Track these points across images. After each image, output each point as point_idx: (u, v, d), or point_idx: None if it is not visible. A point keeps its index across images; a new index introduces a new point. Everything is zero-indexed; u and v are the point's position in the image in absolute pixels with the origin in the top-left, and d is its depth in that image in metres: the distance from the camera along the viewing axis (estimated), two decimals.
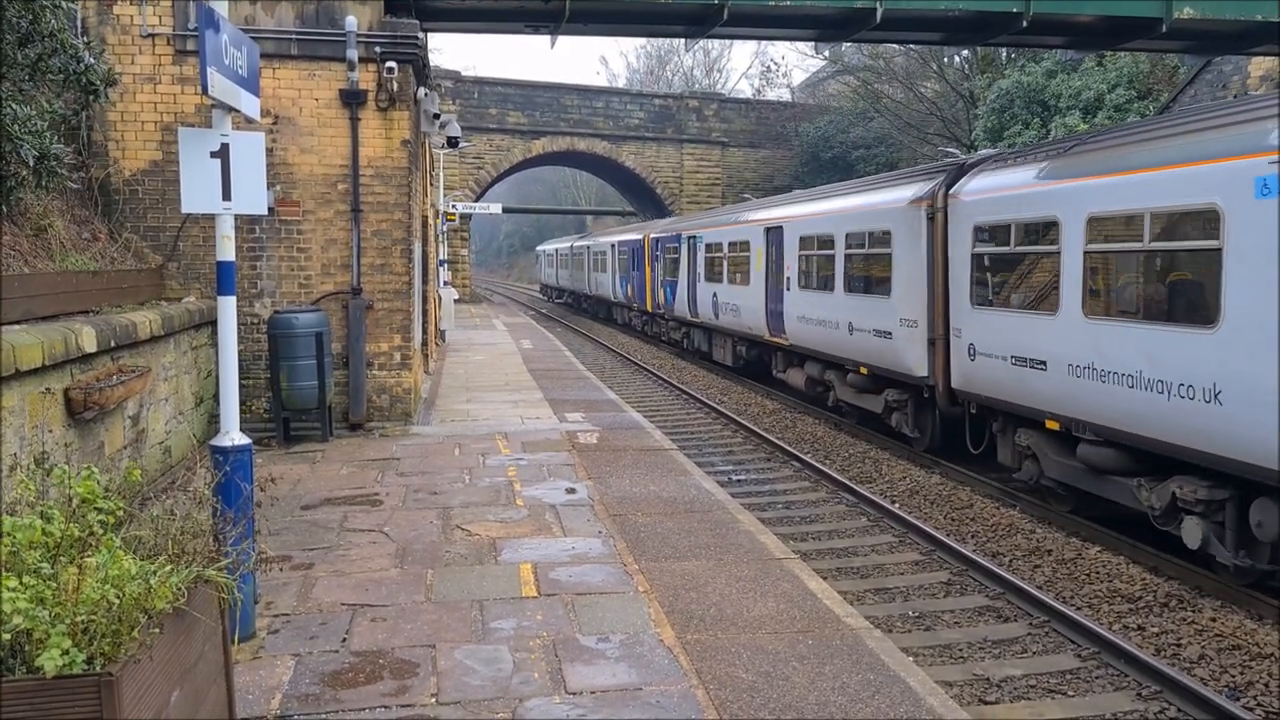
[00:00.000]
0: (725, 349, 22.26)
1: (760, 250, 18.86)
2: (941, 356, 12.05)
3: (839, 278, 14.86)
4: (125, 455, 8.57)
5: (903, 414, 13.42)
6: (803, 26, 14.88)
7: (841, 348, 14.75)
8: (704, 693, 5.07)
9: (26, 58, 7.55)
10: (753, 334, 19.49)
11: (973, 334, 11.20)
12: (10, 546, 3.29)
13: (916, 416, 13.22)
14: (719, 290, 21.76)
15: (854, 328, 14.20)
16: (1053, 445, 10.03)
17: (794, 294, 16.86)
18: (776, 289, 17.87)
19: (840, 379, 15.23)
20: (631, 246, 32.26)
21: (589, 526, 8.10)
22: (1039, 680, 6.65)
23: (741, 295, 20.04)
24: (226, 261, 5.78)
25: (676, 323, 27.05)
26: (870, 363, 13.86)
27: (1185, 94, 22.69)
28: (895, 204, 13.21)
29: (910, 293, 12.62)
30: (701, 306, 23.40)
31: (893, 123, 36.06)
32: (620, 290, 34.86)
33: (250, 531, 5.28)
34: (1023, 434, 10.58)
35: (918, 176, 13.51)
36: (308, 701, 4.95)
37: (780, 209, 18.68)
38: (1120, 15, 13.63)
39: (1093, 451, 9.26)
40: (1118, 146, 9.29)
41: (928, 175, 13.15)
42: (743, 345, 20.90)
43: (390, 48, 11.72)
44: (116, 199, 11.33)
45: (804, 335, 16.40)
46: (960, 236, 11.53)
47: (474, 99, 40.65)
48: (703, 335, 24.30)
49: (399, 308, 12.20)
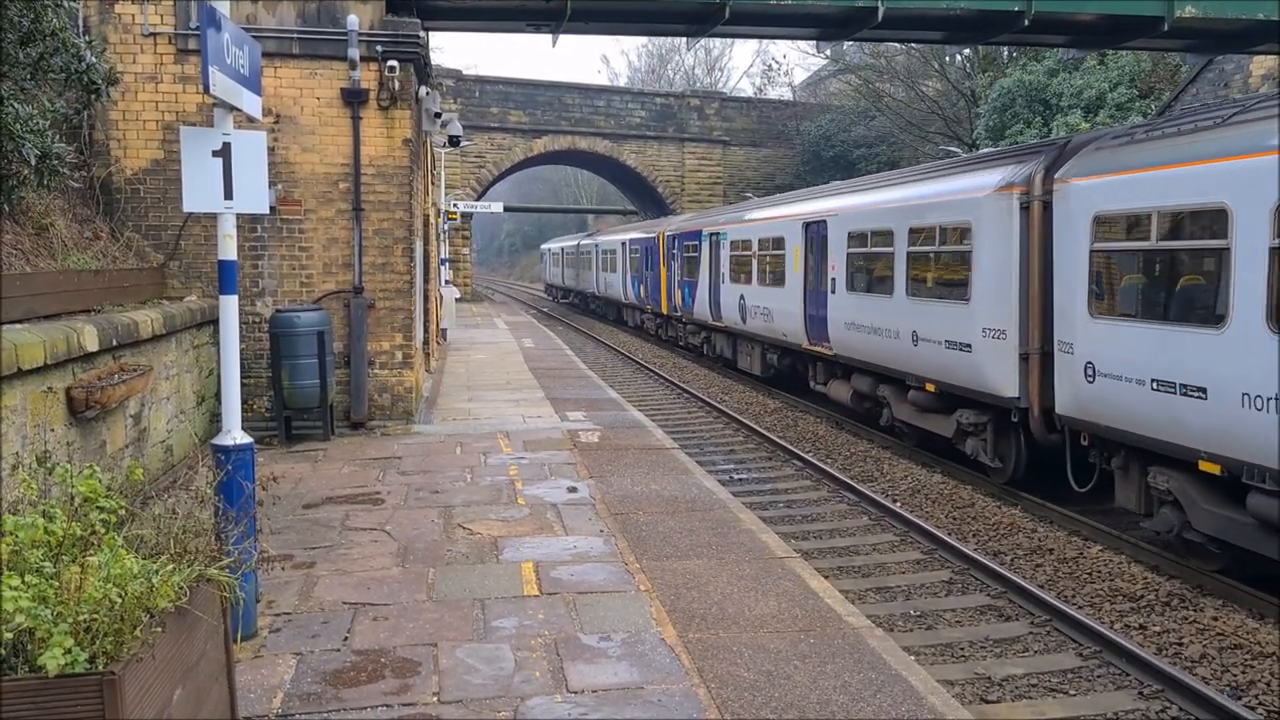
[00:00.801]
0: (753, 357, 20.19)
1: (797, 248, 16.98)
2: (1037, 374, 10.26)
3: (899, 279, 12.95)
4: (127, 454, 8.57)
5: (979, 440, 11.53)
6: (804, 25, 14.86)
7: (901, 360, 12.86)
8: (705, 691, 5.07)
9: (28, 56, 7.55)
10: (787, 341, 17.60)
11: (1091, 349, 9.19)
12: (12, 545, 3.29)
13: (997, 443, 11.32)
14: (747, 292, 19.86)
15: (919, 338, 12.30)
16: (1207, 492, 8.08)
17: (840, 297, 14.92)
18: (818, 291, 15.98)
19: (897, 396, 13.32)
20: (645, 244, 30.39)
21: (590, 525, 8.10)
22: (1040, 679, 6.65)
23: (774, 298, 18.15)
24: (228, 260, 5.78)
25: (696, 327, 24.94)
26: (939, 379, 11.97)
27: (1187, 93, 22.67)
28: (976, 192, 11.27)
29: (996, 298, 10.81)
30: (725, 310, 21.50)
31: (894, 121, 36.03)
32: (632, 291, 32.79)
33: (252, 530, 5.28)
34: (1160, 475, 8.57)
35: (1004, 159, 11.61)
36: (309, 700, 4.96)
37: (822, 201, 16.61)
38: (1122, 14, 13.61)
39: (1271, 505, 7.31)
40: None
41: (1016, 158, 11.25)
42: (774, 353, 18.95)
43: (392, 47, 11.72)
44: (118, 198, 11.33)
45: (852, 345, 14.50)
46: (1073, 230, 9.53)
47: (475, 98, 40.65)
48: (726, 341, 22.30)
49: (400, 306, 12.20)
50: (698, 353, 24.99)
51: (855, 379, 14.76)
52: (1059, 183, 9.88)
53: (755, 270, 19.41)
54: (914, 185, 13.29)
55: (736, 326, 20.78)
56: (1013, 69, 28.44)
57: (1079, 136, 11.19)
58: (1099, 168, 9.36)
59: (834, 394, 15.71)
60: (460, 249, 40.68)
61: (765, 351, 19.43)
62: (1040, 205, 10.29)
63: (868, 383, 14.30)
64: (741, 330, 20.52)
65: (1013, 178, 10.78)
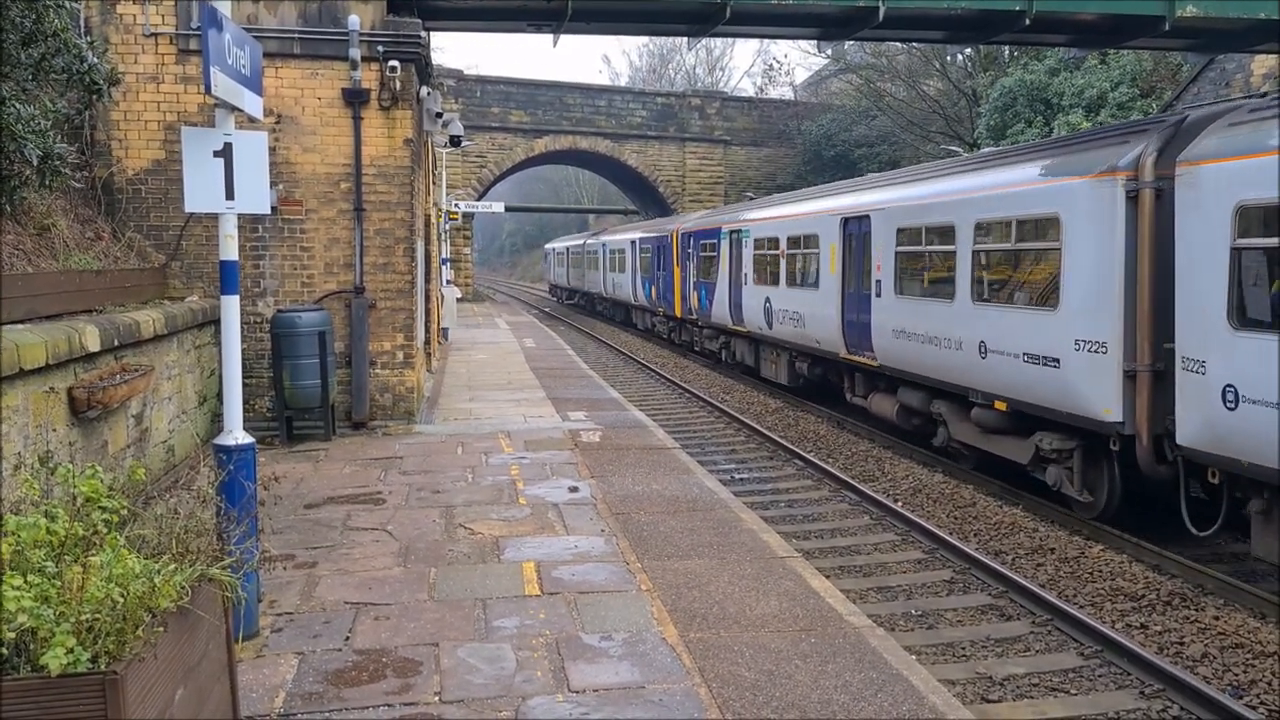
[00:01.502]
0: (778, 365, 18.61)
1: (834, 246, 15.33)
2: (1147, 395, 8.79)
3: (963, 282, 11.41)
4: (129, 454, 8.58)
5: (1063, 468, 10.03)
6: (805, 25, 14.85)
7: (963, 374, 11.40)
8: (706, 691, 5.07)
9: (30, 57, 7.56)
10: (820, 349, 16.01)
11: (1234, 370, 7.69)
12: (15, 545, 3.30)
13: (1085, 473, 9.86)
14: (773, 295, 18.21)
15: (988, 349, 10.82)
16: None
17: (887, 302, 13.41)
18: (859, 294, 14.49)
19: (956, 413, 11.88)
20: (656, 243, 28.69)
21: (592, 525, 8.11)
22: (1042, 679, 6.65)
23: (806, 301, 16.53)
24: (230, 261, 5.79)
25: (714, 331, 23.21)
26: (1014, 397, 10.49)
27: (1188, 92, 22.66)
28: (1067, 178, 9.75)
29: (1094, 304, 9.30)
30: (748, 313, 19.80)
31: (895, 121, 36.03)
32: (642, 292, 31.01)
33: (254, 530, 5.29)
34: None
35: (1098, 140, 9.96)
36: (311, 700, 4.96)
37: (864, 194, 14.98)
38: (1123, 13, 13.59)
39: None
40: None
41: (1117, 137, 9.66)
42: (804, 361, 17.26)
43: (393, 47, 11.72)
44: (120, 198, 11.34)
45: (901, 354, 12.98)
46: (1206, 223, 8.01)
47: (476, 98, 40.67)
48: (748, 347, 20.67)
49: (402, 306, 12.21)
50: (715, 359, 23.55)
51: (903, 393, 13.25)
52: (1184, 166, 8.31)
53: (783, 271, 17.82)
54: (981, 173, 11.66)
55: (761, 332, 19.16)
56: (1014, 68, 28.43)
57: (1198, 110, 9.57)
58: (1242, 147, 7.83)
59: (876, 409, 14.22)
60: (461, 249, 40.71)
61: (794, 360, 17.85)
62: (1152, 193, 8.77)
63: (918, 398, 12.81)
64: (766, 336, 18.92)
65: (1115, 161, 9.20)
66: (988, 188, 11.27)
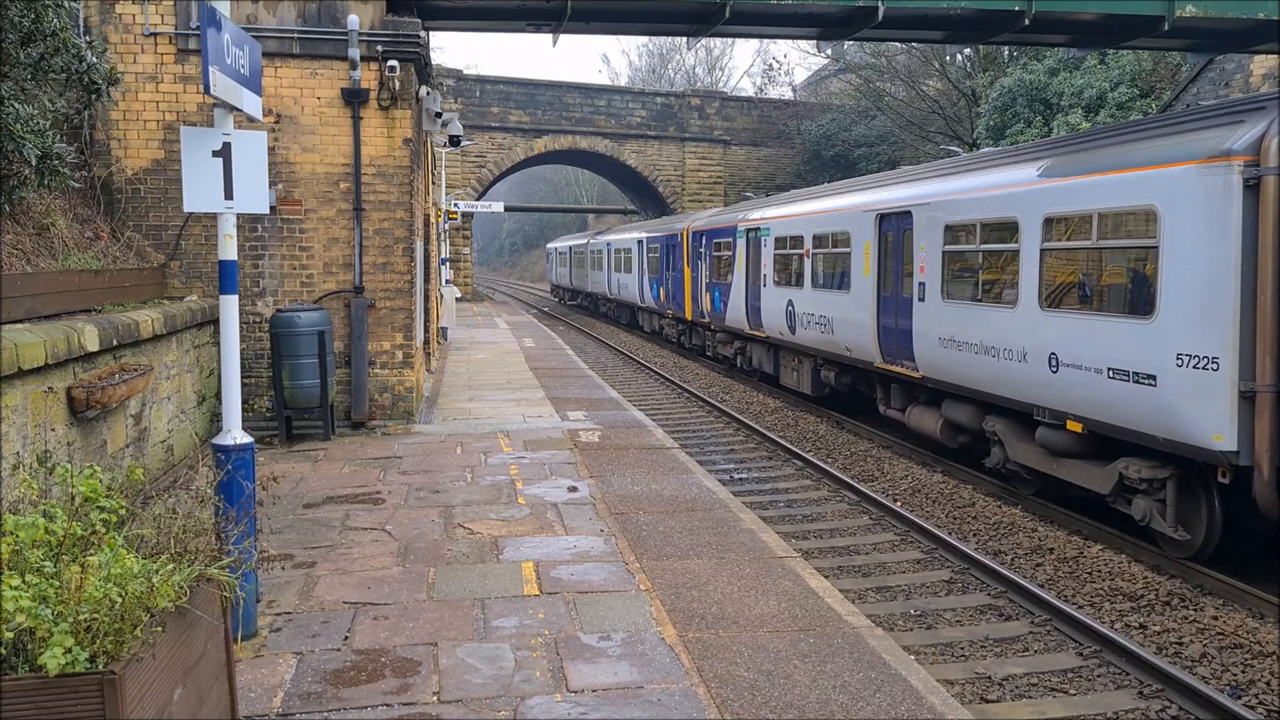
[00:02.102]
0: (801, 372, 17.24)
1: (869, 245, 13.98)
2: (1269, 421, 7.62)
3: (1028, 285, 10.07)
4: (127, 454, 8.58)
5: (1155, 501, 8.75)
6: (805, 25, 14.86)
7: (1026, 389, 10.10)
8: (705, 691, 5.08)
9: (29, 57, 7.56)
10: (851, 357, 14.67)
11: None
12: (13, 545, 3.30)
13: (1181, 507, 8.60)
14: (796, 297, 16.80)
15: (1060, 362, 9.52)
16: None
17: (932, 306, 12.06)
18: (897, 299, 13.16)
19: (1016, 433, 10.63)
20: (665, 242, 27.30)
21: (591, 525, 8.11)
22: (1040, 678, 6.65)
23: (835, 305, 15.15)
24: (229, 260, 5.79)
25: (728, 336, 21.78)
26: (1092, 416, 9.19)
27: (1188, 92, 22.67)
28: (1168, 165, 8.40)
29: (1204, 312, 8.01)
30: (768, 317, 18.40)
31: (895, 121, 36.05)
32: (649, 294, 29.57)
33: (252, 530, 5.29)
34: None
35: (1207, 119, 8.60)
36: (310, 700, 4.97)
37: (905, 187, 13.59)
38: (1122, 13, 13.61)
39: None
40: None
41: (1230, 116, 8.31)
42: (831, 370, 15.95)
43: (392, 46, 11.72)
44: (119, 198, 11.34)
45: (948, 365, 11.67)
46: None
47: (476, 97, 40.67)
48: (766, 353, 19.25)
49: (401, 306, 12.21)
50: (729, 365, 22.17)
51: (949, 407, 11.98)
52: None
53: (808, 271, 16.37)
54: (1049, 158, 10.27)
55: (782, 337, 17.73)
56: (1013, 68, 28.44)
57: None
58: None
59: (915, 423, 12.98)
60: (461, 248, 40.71)
61: (819, 368, 16.46)
62: (1277, 181, 7.64)
63: (968, 413, 11.56)
64: (787, 342, 17.46)
65: (1228, 143, 7.94)
66: (1061, 175, 9.81)
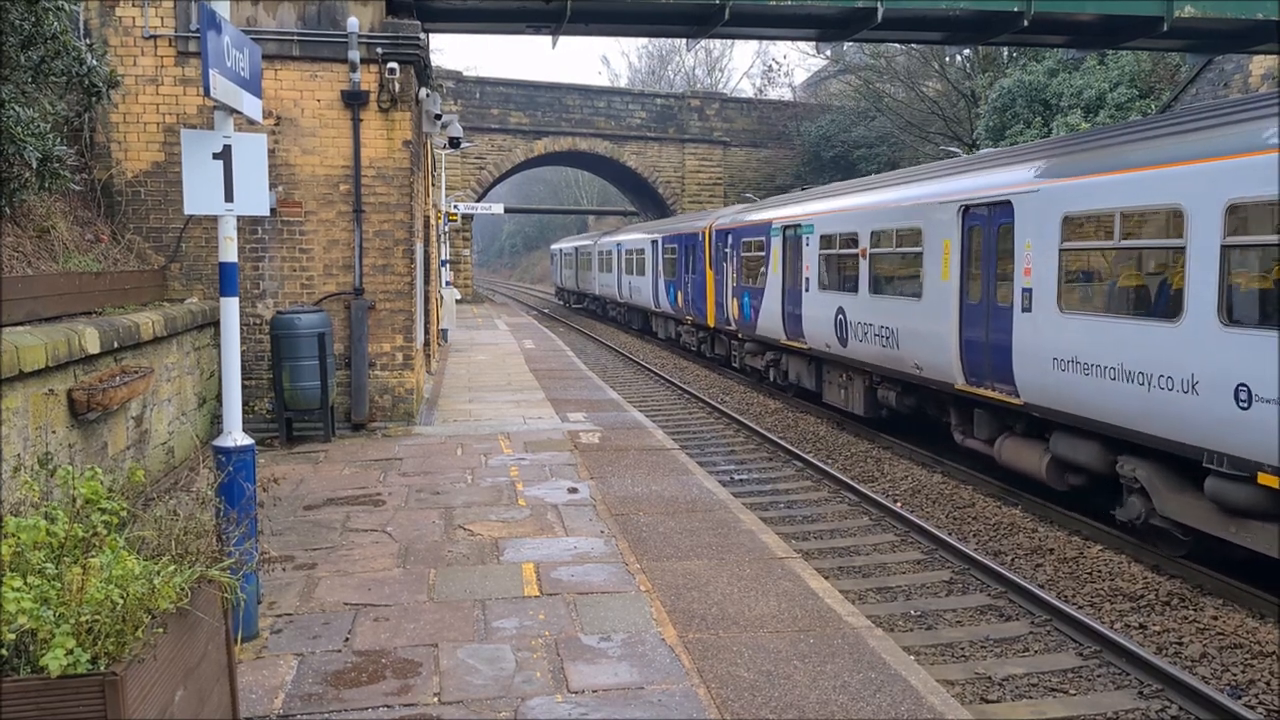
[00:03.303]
0: (851, 391, 15.07)
1: (948, 243, 11.75)
2: None
3: (1203, 293, 7.86)
4: (128, 456, 8.59)
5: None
6: (804, 26, 14.89)
7: (1196, 427, 7.93)
8: (706, 691, 5.08)
9: (29, 60, 7.57)
10: (922, 376, 12.49)
11: None
12: (15, 547, 3.31)
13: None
14: (850, 304, 14.53)
15: (1255, 396, 7.30)
16: None
17: (1043, 318, 9.90)
18: (991, 307, 10.96)
19: (1169, 481, 8.57)
20: (684, 242, 25.30)
21: (591, 526, 8.12)
22: (1040, 679, 6.66)
23: (902, 314, 12.92)
24: (229, 263, 5.80)
25: (759, 346, 19.56)
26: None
27: (1187, 92, 22.69)
28: None
29: None
30: (810, 326, 16.14)
31: (894, 122, 36.07)
32: (665, 298, 27.46)
33: (253, 532, 5.30)
34: None
35: None
36: (310, 701, 4.97)
37: (1001, 170, 11.12)
38: (1121, 14, 13.63)
39: None
40: None
41: None
42: (891, 389, 13.74)
43: (392, 48, 11.74)
44: (119, 200, 11.35)
45: (1066, 392, 9.55)
46: None
47: (476, 99, 40.68)
48: (806, 367, 17.01)
49: (401, 308, 12.22)
50: (758, 377, 20.02)
51: (1061, 442, 9.90)
52: None
53: (865, 275, 14.10)
54: (1226, 132, 8.00)
55: (828, 350, 15.51)
56: (1013, 69, 28.46)
57: None
58: None
59: (1009, 458, 10.85)
60: (461, 250, 40.71)
61: (875, 386, 14.32)
62: None
63: (1091, 451, 9.44)
64: (836, 355, 15.23)
65: None
66: (1247, 150, 7.57)
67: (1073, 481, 10.06)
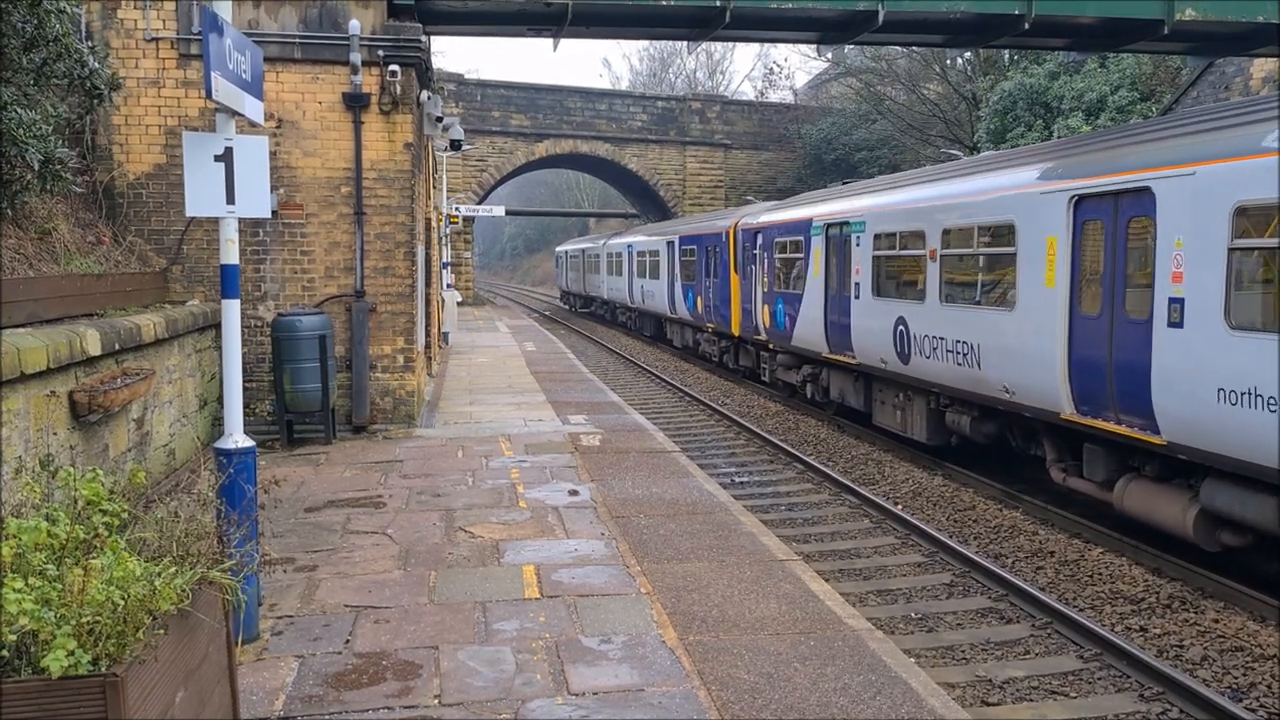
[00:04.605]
0: (910, 413, 13.18)
1: (1053, 242, 9.77)
2: None
3: None
4: (129, 457, 8.59)
5: None
6: (805, 29, 14.87)
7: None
8: (706, 694, 5.08)
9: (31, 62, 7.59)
10: (1012, 401, 10.50)
11: None
12: (16, 548, 3.31)
13: None
14: (913, 314, 12.55)
15: None
16: None
17: (1202, 338, 7.86)
18: (1118, 321, 8.88)
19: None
20: (705, 243, 23.56)
21: (591, 528, 8.12)
22: (1041, 681, 6.66)
23: (986, 327, 10.95)
24: (230, 265, 5.81)
25: (794, 358, 17.60)
26: None
27: (1188, 95, 22.69)
28: None
29: None
30: (861, 337, 14.21)
31: (895, 124, 36.09)
32: (682, 303, 25.69)
33: (254, 533, 5.30)
34: None
35: None
36: (311, 702, 4.97)
37: (1131, 148, 9.11)
38: (1122, 17, 13.62)
39: None
40: None
41: None
42: (965, 414, 11.82)
43: (393, 51, 11.75)
44: (121, 202, 11.37)
45: (1237, 433, 7.50)
46: None
47: (477, 102, 40.72)
48: (853, 384, 15.07)
49: (402, 310, 12.23)
50: (790, 391, 18.27)
51: (1217, 492, 7.99)
52: None
53: (934, 280, 12.12)
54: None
55: (883, 366, 13.52)
56: (1014, 72, 28.46)
57: None
58: None
59: (1134, 506, 8.92)
60: (462, 252, 40.74)
61: (943, 409, 12.37)
62: None
63: (1268, 509, 7.50)
64: (892, 373, 13.29)
65: None
66: None
67: (1230, 541, 8.11)
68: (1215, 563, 8.40)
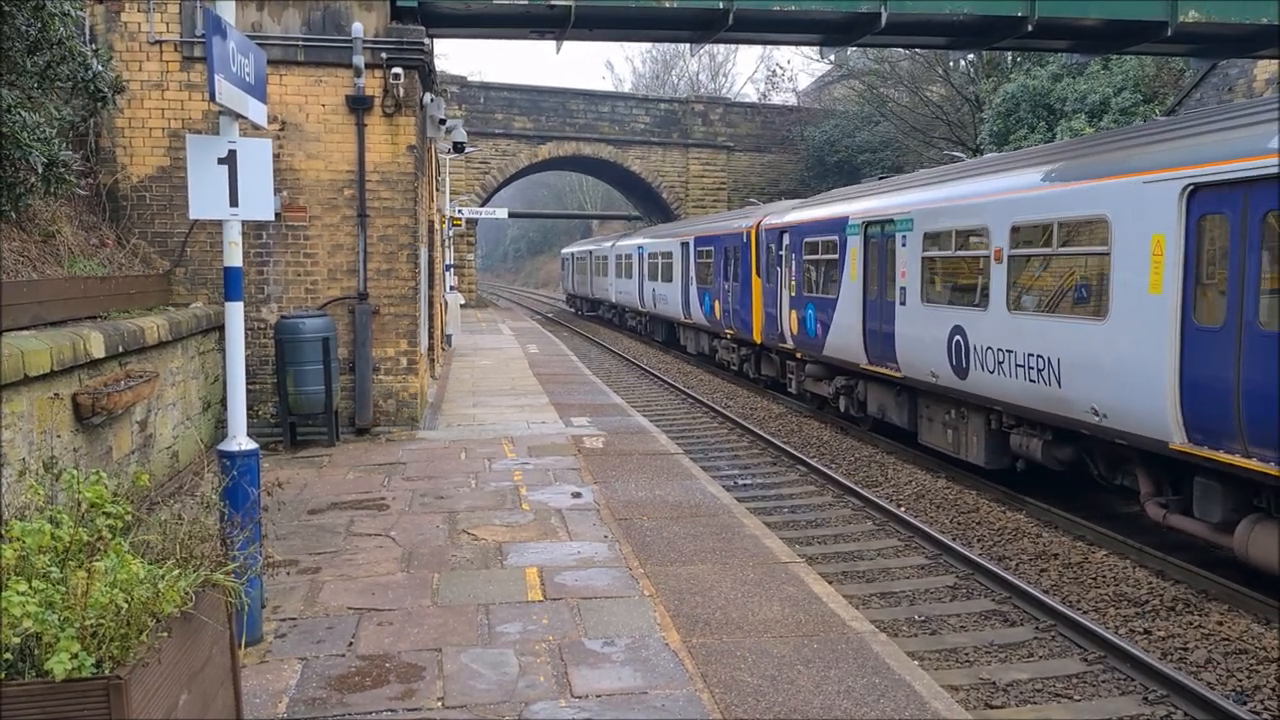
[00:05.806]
0: (965, 432, 11.88)
1: (1161, 240, 8.34)
2: None
3: None
4: (133, 460, 8.60)
5: None
6: (808, 31, 14.88)
7: None
8: (709, 696, 5.08)
9: (35, 65, 7.60)
10: (1102, 425, 9.10)
11: None
12: (19, 550, 3.32)
13: None
14: (973, 323, 11.18)
15: None
16: None
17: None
18: (1249, 333, 7.46)
19: None
20: (724, 244, 21.99)
21: (594, 530, 8.11)
22: (1045, 684, 6.64)
23: (1069, 338, 9.55)
24: (234, 267, 5.81)
25: (825, 369, 16.24)
26: None
27: (1191, 97, 22.67)
28: None
29: None
30: (908, 348, 12.81)
31: (898, 126, 36.08)
32: (698, 308, 24.23)
33: (257, 536, 5.30)
34: None
35: None
36: (314, 705, 4.97)
37: (1257, 126, 7.66)
38: (1125, 18, 13.62)
39: None
40: None
41: None
42: (1038, 436, 10.47)
43: (396, 53, 11.77)
44: (124, 205, 11.39)
45: None
46: None
47: (480, 104, 40.76)
48: (895, 398, 13.73)
49: (405, 312, 12.24)
50: (820, 403, 16.95)
51: None
52: None
53: (999, 284, 10.72)
54: None
55: (937, 380, 12.07)
56: (1017, 74, 28.43)
57: None
58: None
59: (1260, 555, 7.59)
60: (465, 255, 40.77)
61: (1008, 429, 11.05)
62: None
63: None
64: (947, 388, 11.87)
65: None
66: None
67: None
68: (1219, 565, 8.38)
